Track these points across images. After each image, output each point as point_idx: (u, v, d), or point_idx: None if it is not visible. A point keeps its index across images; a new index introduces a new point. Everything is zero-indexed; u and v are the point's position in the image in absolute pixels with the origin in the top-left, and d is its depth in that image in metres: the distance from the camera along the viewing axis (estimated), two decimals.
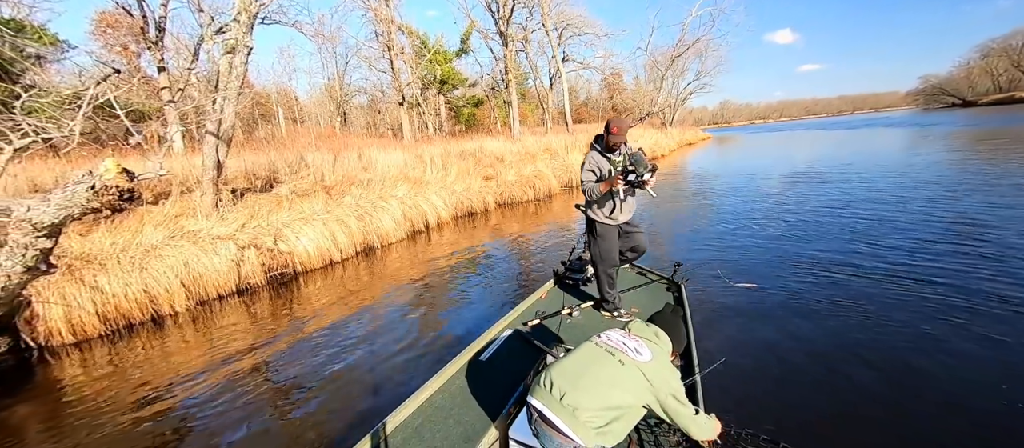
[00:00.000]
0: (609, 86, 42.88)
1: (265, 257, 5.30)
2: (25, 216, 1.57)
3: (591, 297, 3.34)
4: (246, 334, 4.11)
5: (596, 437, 1.38)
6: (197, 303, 4.80)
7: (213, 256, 4.88)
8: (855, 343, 3.09)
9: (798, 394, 2.59)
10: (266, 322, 4.38)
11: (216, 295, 4.96)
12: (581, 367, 1.50)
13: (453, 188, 8.71)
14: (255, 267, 5.18)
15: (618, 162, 2.85)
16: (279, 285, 5.42)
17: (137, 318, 4.37)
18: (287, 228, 5.59)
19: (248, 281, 5.17)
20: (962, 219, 5.77)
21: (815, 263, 4.71)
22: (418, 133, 23.13)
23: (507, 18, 16.87)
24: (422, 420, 2.04)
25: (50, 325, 3.83)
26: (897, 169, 11.01)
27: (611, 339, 1.61)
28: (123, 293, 4.20)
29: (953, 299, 3.58)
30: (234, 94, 4.72)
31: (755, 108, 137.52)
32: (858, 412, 2.40)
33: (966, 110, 54.33)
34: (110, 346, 4.05)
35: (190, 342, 4.04)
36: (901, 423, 2.29)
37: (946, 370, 2.70)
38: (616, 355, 1.51)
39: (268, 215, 5.66)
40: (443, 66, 27.25)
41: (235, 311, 4.72)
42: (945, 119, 36.54)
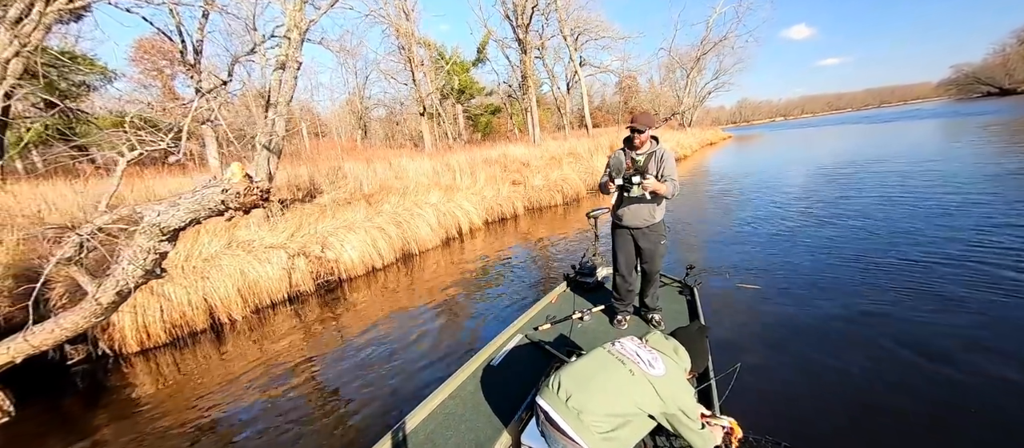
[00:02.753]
0: (624, 90, 42.72)
1: (313, 265, 5.45)
2: (156, 221, 1.68)
3: (602, 301, 3.29)
4: (295, 341, 4.21)
5: (601, 442, 1.37)
6: (252, 310, 4.97)
7: (266, 265, 5.05)
8: (872, 347, 3.00)
9: (812, 399, 2.53)
10: (314, 329, 4.48)
11: (269, 302, 5.11)
12: (590, 372, 1.50)
13: (483, 194, 8.79)
14: (304, 275, 5.33)
15: (639, 160, 2.75)
16: (326, 292, 5.56)
17: (199, 326, 4.54)
18: (332, 236, 5.75)
19: (298, 288, 5.32)
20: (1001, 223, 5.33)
21: (837, 267, 4.56)
22: (438, 142, 23.48)
23: (526, 26, 17.05)
24: (434, 426, 2.05)
25: (122, 333, 4.03)
26: (938, 167, 10.58)
27: (625, 348, 1.60)
28: (186, 301, 4.39)
29: (981, 307, 3.38)
30: (284, 108, 4.92)
31: (775, 105, 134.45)
32: (874, 419, 2.33)
33: (1004, 99, 51.74)
34: (175, 353, 4.22)
35: (246, 349, 4.16)
36: (920, 431, 2.21)
37: (969, 377, 2.58)
38: (627, 365, 1.51)
39: (314, 224, 5.83)
40: (460, 76, 27.71)
41: (286, 318, 4.86)
42: (982, 108, 34.91)
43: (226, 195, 1.64)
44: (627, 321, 2.97)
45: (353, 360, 3.68)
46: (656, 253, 2.86)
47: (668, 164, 2.73)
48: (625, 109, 42.20)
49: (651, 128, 2.75)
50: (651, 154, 2.75)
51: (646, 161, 2.74)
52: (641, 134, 2.68)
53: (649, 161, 2.74)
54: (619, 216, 2.90)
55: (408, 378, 3.26)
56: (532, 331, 2.87)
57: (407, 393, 3.03)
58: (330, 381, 3.40)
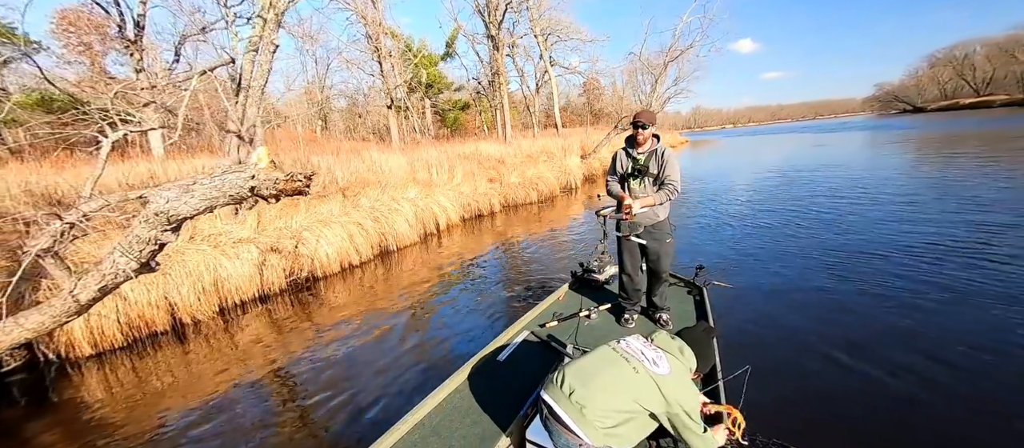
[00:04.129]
0: (588, 91, 43.72)
1: (287, 261, 5.15)
2: (163, 208, 1.49)
3: (609, 300, 3.26)
4: (266, 343, 3.97)
5: (604, 437, 1.39)
6: (219, 310, 4.62)
7: (235, 261, 4.71)
8: (876, 348, 3.01)
9: (817, 400, 2.52)
10: (287, 330, 4.24)
11: (238, 301, 4.78)
12: (594, 368, 1.52)
13: (460, 190, 8.70)
14: (277, 272, 5.03)
15: (640, 159, 2.72)
16: (300, 290, 5.28)
17: (160, 327, 4.17)
18: (307, 231, 5.46)
19: (270, 286, 5.01)
20: (970, 226, 5.63)
21: (829, 265, 4.67)
22: (406, 137, 22.89)
23: (498, 22, 17.00)
24: (440, 419, 2.06)
25: (72, 336, 3.62)
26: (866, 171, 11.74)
27: (630, 346, 1.61)
28: (146, 300, 4.01)
29: (992, 310, 3.39)
30: (257, 93, 4.59)
31: (725, 113, 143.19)
32: (879, 419, 2.33)
33: (917, 116, 58.55)
34: (132, 358, 3.85)
35: (212, 352, 3.87)
36: (925, 430, 2.23)
37: (973, 374, 2.62)
38: (631, 362, 1.52)
39: (288, 218, 5.51)
40: (429, 70, 27.15)
41: (257, 318, 4.57)
42: (900, 124, 39.22)
43: (256, 181, 1.51)
44: (634, 320, 2.96)
45: (329, 363, 3.50)
46: (662, 252, 2.81)
47: (670, 165, 2.68)
48: (590, 111, 43.22)
49: (653, 125, 2.69)
50: (652, 153, 2.71)
51: (647, 160, 2.71)
52: (644, 131, 2.65)
53: (650, 160, 2.70)
54: (624, 223, 2.84)
55: (388, 383, 3.10)
56: (539, 328, 2.86)
57: (387, 399, 2.87)
58: (304, 386, 3.21)
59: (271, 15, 4.24)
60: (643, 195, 2.71)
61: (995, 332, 3.08)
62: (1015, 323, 3.17)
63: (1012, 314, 3.30)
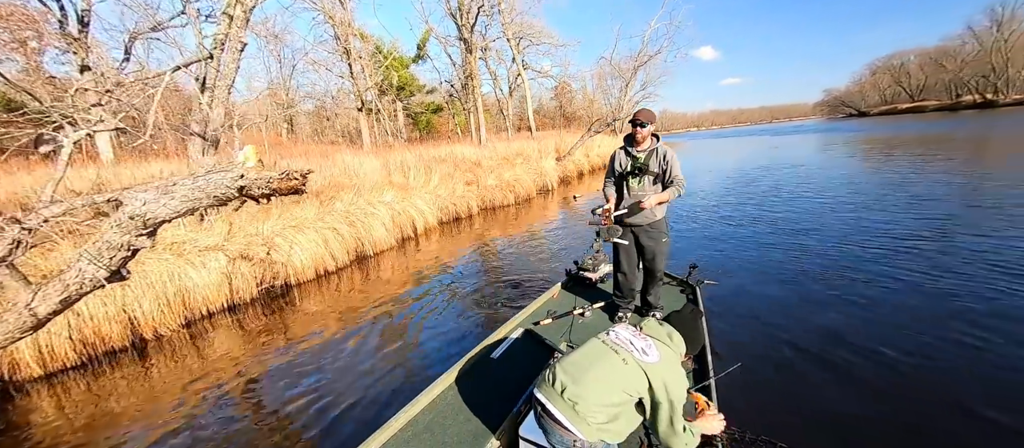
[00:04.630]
0: (559, 95, 44.40)
1: (258, 269, 4.92)
2: (139, 211, 1.37)
3: (603, 298, 3.25)
4: (237, 356, 3.76)
5: (597, 432, 1.39)
6: (184, 323, 4.35)
7: (201, 270, 4.45)
8: (856, 339, 3.05)
9: (812, 400, 2.52)
10: (259, 341, 4.03)
11: (205, 313, 4.52)
12: (585, 363, 1.50)
13: (437, 193, 8.61)
14: (247, 280, 4.79)
15: (639, 158, 2.71)
16: (273, 299, 5.05)
17: (118, 343, 3.88)
18: (279, 237, 5.24)
19: (240, 296, 4.77)
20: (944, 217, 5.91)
21: (822, 265, 4.68)
22: (378, 140, 22.41)
23: (471, 26, 17.00)
24: (433, 416, 2.06)
25: (15, 356, 3.30)
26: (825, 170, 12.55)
27: (619, 337, 1.58)
28: (102, 314, 3.72)
29: (989, 308, 3.38)
30: (224, 93, 4.36)
31: (690, 117, 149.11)
32: (868, 415, 2.36)
33: (861, 119, 63.26)
34: (87, 378, 3.56)
35: (176, 368, 3.64)
36: (912, 426, 2.25)
37: (962, 370, 2.64)
38: (620, 353, 1.50)
39: (258, 223, 5.27)
40: (400, 72, 26.73)
41: (226, 330, 4.33)
42: (847, 127, 42.19)
43: (246, 181, 1.42)
44: (628, 319, 2.97)
45: (305, 373, 3.35)
46: (658, 251, 2.79)
47: (674, 164, 2.67)
48: (561, 114, 43.88)
49: (653, 124, 2.67)
50: (652, 151, 2.70)
51: (647, 159, 2.68)
52: (643, 129, 2.63)
53: (651, 159, 2.68)
54: (619, 210, 2.85)
55: (367, 392, 2.99)
56: (532, 326, 2.86)
57: (366, 408, 2.77)
58: (277, 398, 3.05)
59: (238, 12, 4.05)
60: (642, 193, 2.72)
61: (977, 325, 3.10)
62: (997, 316, 3.24)
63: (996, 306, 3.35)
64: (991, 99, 53.81)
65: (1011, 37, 52.91)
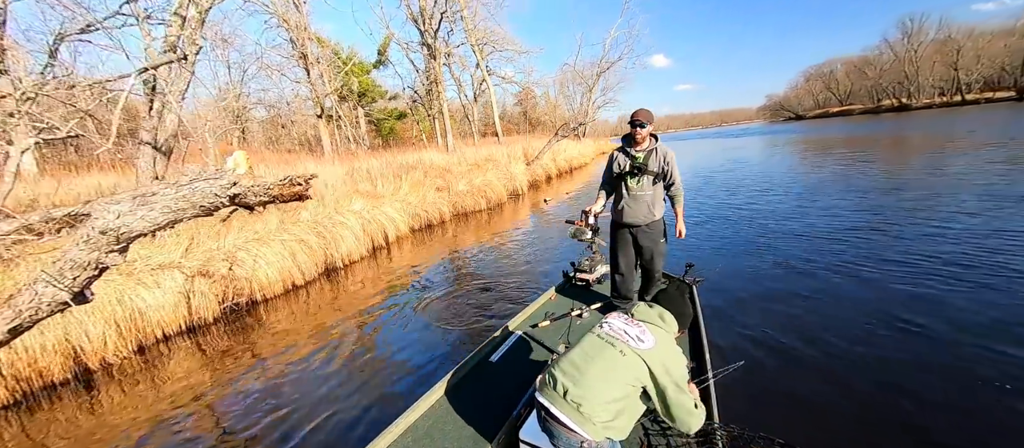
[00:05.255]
0: (523, 101, 44.97)
1: (219, 286, 4.59)
2: (113, 225, 1.21)
3: (601, 299, 3.24)
4: (198, 381, 3.48)
5: (603, 431, 1.38)
6: (136, 349, 3.98)
7: (154, 290, 4.10)
8: (869, 342, 3.01)
9: (811, 397, 2.50)
10: (223, 364, 3.75)
11: (160, 336, 4.16)
12: (583, 362, 1.48)
13: (407, 200, 8.43)
14: (208, 298, 4.46)
15: (638, 158, 2.71)
16: (237, 317, 4.73)
17: (58, 376, 3.48)
18: (242, 251, 4.92)
19: (200, 316, 4.43)
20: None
21: (813, 262, 4.70)
22: (339, 147, 21.64)
23: (434, 31, 16.87)
24: (433, 421, 2.05)
25: None
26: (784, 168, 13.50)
27: (613, 328, 1.57)
28: (39, 345, 3.33)
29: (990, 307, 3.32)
30: (177, 100, 4.04)
31: None
32: (870, 413, 2.34)
33: (799, 122, 68.84)
34: (21, 417, 3.17)
35: (128, 399, 3.32)
36: (916, 423, 2.23)
37: (960, 368, 2.62)
38: (617, 345, 1.49)
39: (219, 237, 4.92)
40: (360, 78, 26.02)
41: (185, 354, 4.01)
42: (787, 129, 45.74)
43: (240, 189, 1.31)
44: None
45: (273, 394, 3.15)
46: (656, 251, 2.78)
47: (673, 165, 2.68)
48: (526, 119, 44.42)
49: (651, 125, 2.67)
50: (651, 152, 2.69)
51: (646, 158, 2.68)
52: (642, 130, 2.63)
53: (650, 158, 2.68)
54: (619, 214, 2.83)
55: (343, 410, 2.81)
56: (530, 328, 2.85)
57: (344, 435, 2.60)
58: (242, 426, 2.82)
59: (193, 12, 3.77)
60: (640, 193, 2.73)
61: (999, 333, 2.98)
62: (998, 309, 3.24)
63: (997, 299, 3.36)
64: (906, 103, 60.34)
65: (919, 48, 59.68)
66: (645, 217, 2.75)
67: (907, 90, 61.75)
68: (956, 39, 56.65)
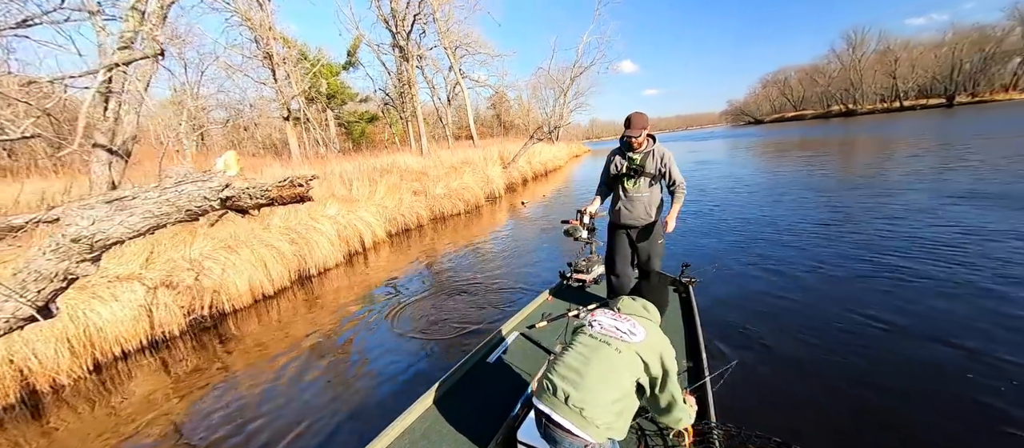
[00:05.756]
0: (496, 104, 45.10)
1: (184, 297, 4.32)
2: (87, 232, 1.09)
3: (596, 300, 3.24)
4: (164, 397, 3.27)
5: (606, 432, 1.39)
6: (93, 367, 3.68)
7: (112, 303, 3.81)
8: (866, 341, 3.02)
9: (809, 396, 2.50)
10: (192, 378, 3.54)
11: (118, 353, 3.87)
12: (581, 365, 1.46)
13: (383, 204, 8.26)
14: (172, 311, 4.19)
15: (635, 160, 2.69)
16: (205, 330, 4.46)
17: (2, 400, 3.17)
18: (209, 260, 4.65)
19: (164, 329, 4.15)
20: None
21: (812, 261, 4.71)
22: (308, 151, 20.91)
23: (407, 33, 16.65)
24: (429, 423, 2.05)
25: None
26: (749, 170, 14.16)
27: (604, 326, 1.57)
28: None
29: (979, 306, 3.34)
30: (137, 100, 3.78)
31: (617, 126, 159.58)
32: (868, 411, 2.34)
33: (758, 126, 72.75)
34: None
35: (87, 420, 3.08)
36: (912, 422, 2.23)
37: (959, 368, 2.61)
38: (612, 344, 1.49)
39: (184, 246, 4.63)
40: (329, 79, 25.29)
41: (149, 370, 3.75)
42: (749, 132, 48.22)
43: (233, 191, 1.22)
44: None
45: (245, 410, 2.98)
46: (653, 252, 2.75)
47: (672, 166, 2.65)
48: (499, 122, 44.55)
49: (646, 129, 2.65)
50: (648, 154, 2.67)
51: (643, 160, 2.67)
52: (637, 138, 2.61)
53: (647, 160, 2.66)
54: (616, 215, 2.81)
55: (321, 433, 2.65)
56: (527, 329, 2.84)
57: (321, 441, 2.50)
58: (213, 443, 2.68)
59: (154, 6, 3.54)
60: (638, 195, 2.73)
61: (993, 330, 3.00)
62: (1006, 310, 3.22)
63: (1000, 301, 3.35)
64: (852, 108, 64.97)
65: (862, 59, 64.50)
66: (642, 219, 2.75)
67: (853, 96, 66.54)
68: (894, 50, 61.67)
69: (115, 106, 3.68)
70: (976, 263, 4.19)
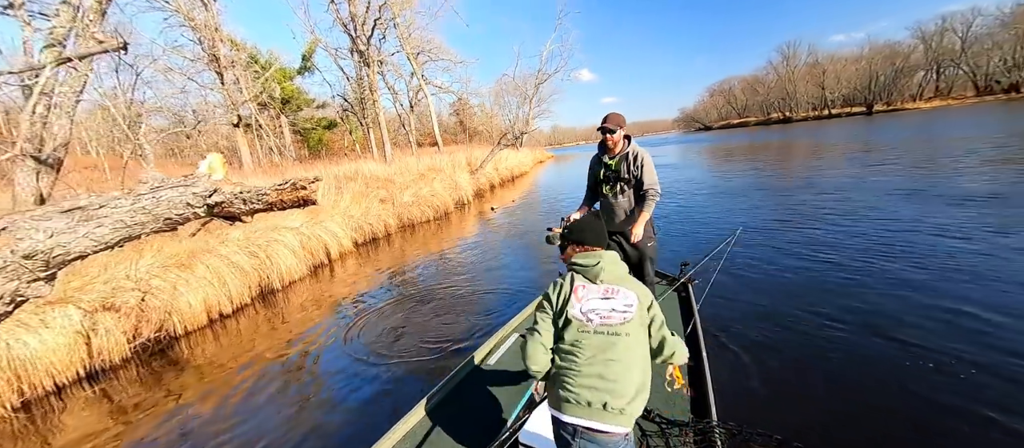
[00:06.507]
0: (458, 111, 44.93)
1: (129, 320, 3.91)
2: (43, 246, 0.90)
3: None
4: (104, 432, 2.94)
5: (636, 414, 1.39)
6: (21, 405, 3.23)
7: (41, 331, 3.37)
8: (857, 336, 3.05)
9: (807, 394, 2.49)
10: (138, 410, 3.20)
11: (50, 387, 3.42)
12: (603, 369, 1.38)
13: (349, 213, 7.94)
14: (115, 337, 3.77)
15: (611, 165, 2.63)
16: (152, 356, 4.05)
17: None
18: (157, 278, 4.24)
19: (105, 358, 3.72)
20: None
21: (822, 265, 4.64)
22: (262, 159, 19.76)
23: (367, 38, 16.22)
24: (432, 426, 2.04)
25: None
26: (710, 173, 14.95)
27: (602, 315, 1.44)
28: None
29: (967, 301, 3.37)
30: (71, 103, 3.37)
31: (578, 132, 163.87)
32: (867, 407, 2.34)
33: (708, 132, 77.52)
34: None
35: None
36: (909, 420, 2.23)
37: (955, 365, 2.61)
38: (622, 333, 1.41)
39: (128, 263, 4.19)
40: (283, 84, 24.09)
41: (88, 404, 3.35)
42: (700, 138, 51.21)
43: (223, 196, 1.08)
44: None
45: (201, 443, 2.72)
46: (645, 255, 2.64)
47: (646, 170, 2.54)
48: (463, 129, 44.38)
49: (622, 128, 2.56)
50: (623, 157, 2.58)
51: (618, 165, 2.58)
52: (613, 135, 2.53)
53: (621, 165, 2.58)
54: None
55: None
56: (527, 330, 2.85)
57: None
58: None
59: (91, 2, 3.18)
60: (614, 201, 2.67)
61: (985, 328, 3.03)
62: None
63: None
64: (789, 116, 70.84)
65: (795, 70, 70.64)
66: (624, 224, 2.69)
67: (789, 105, 72.56)
68: (821, 64, 68.09)
69: (43, 110, 3.27)
70: (972, 263, 4.19)
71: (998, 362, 2.63)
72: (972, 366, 2.61)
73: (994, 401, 2.31)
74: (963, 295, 3.52)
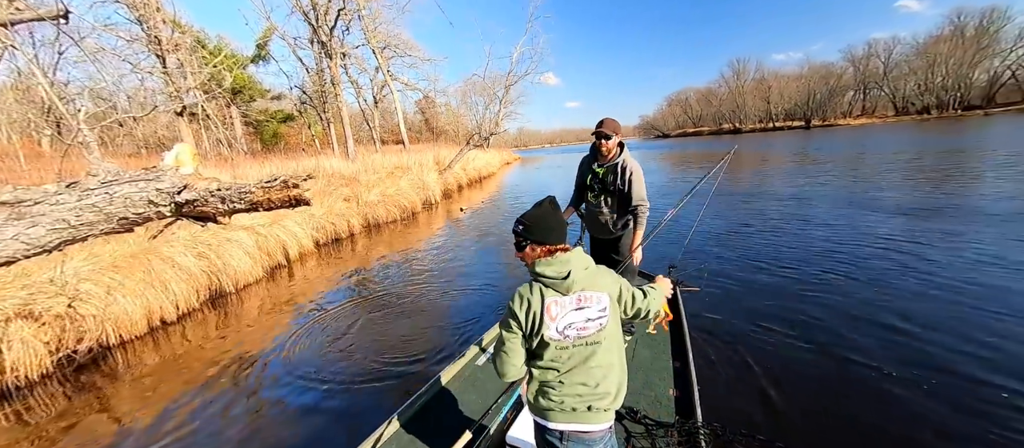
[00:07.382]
0: (425, 109, 44.11)
1: (52, 330, 3.43)
2: None
3: None
4: None
5: (617, 407, 1.44)
6: None
7: None
8: (847, 337, 3.10)
9: (791, 393, 2.53)
10: (62, 430, 2.84)
11: None
12: (586, 376, 1.36)
13: (311, 212, 7.50)
14: (33, 349, 3.29)
15: (599, 172, 2.56)
16: (80, 370, 3.58)
17: None
18: (89, 282, 3.76)
19: (20, 374, 3.24)
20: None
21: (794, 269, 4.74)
22: (209, 152, 18.29)
23: (330, 29, 15.48)
24: (419, 427, 2.05)
25: None
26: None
27: (578, 327, 1.34)
28: None
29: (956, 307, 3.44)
30: None
31: (544, 134, 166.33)
32: (848, 409, 2.38)
33: (666, 139, 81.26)
34: None
35: None
36: (896, 420, 2.27)
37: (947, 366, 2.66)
38: (599, 339, 1.37)
39: (52, 265, 3.67)
40: (235, 73, 22.47)
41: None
42: (660, 145, 53.49)
43: (196, 193, 0.90)
44: None
45: None
46: (627, 268, 2.54)
47: (635, 185, 2.46)
48: (428, 127, 43.58)
49: (618, 135, 2.49)
50: (612, 167, 2.50)
51: (606, 175, 2.51)
52: (607, 141, 2.46)
53: (609, 176, 2.51)
54: (584, 225, 2.73)
55: None
56: (495, 348, 2.80)
57: None
58: None
59: None
60: (596, 209, 2.61)
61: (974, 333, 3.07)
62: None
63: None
64: (739, 127, 75.77)
65: (745, 84, 75.72)
66: (603, 232, 2.66)
67: (739, 117, 77.60)
68: (767, 79, 73.41)
69: None
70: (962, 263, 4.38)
71: (974, 360, 2.74)
72: (949, 368, 2.68)
73: (985, 395, 2.40)
74: (943, 302, 3.61)
